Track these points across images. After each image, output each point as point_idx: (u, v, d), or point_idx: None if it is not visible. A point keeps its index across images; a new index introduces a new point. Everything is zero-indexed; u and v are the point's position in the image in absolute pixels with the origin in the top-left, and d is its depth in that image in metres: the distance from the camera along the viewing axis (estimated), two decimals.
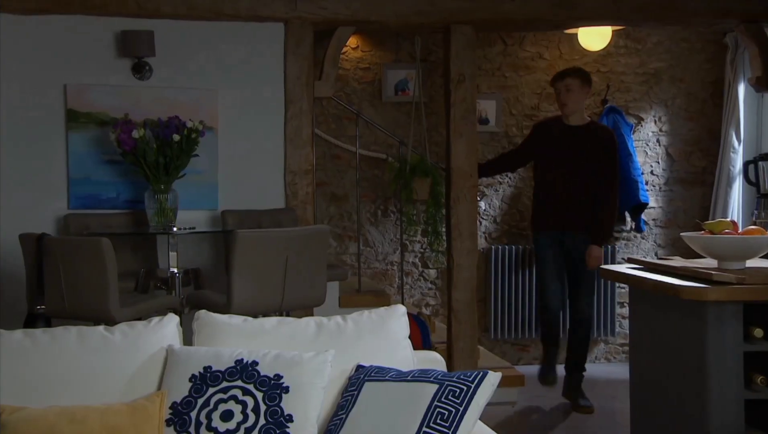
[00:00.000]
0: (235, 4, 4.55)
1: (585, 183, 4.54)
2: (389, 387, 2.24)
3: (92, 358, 2.28)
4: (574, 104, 4.58)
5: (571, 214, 4.58)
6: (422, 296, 6.24)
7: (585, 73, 4.65)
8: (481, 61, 5.91)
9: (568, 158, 4.59)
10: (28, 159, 4.54)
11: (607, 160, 4.55)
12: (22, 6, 4.36)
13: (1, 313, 4.42)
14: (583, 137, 4.59)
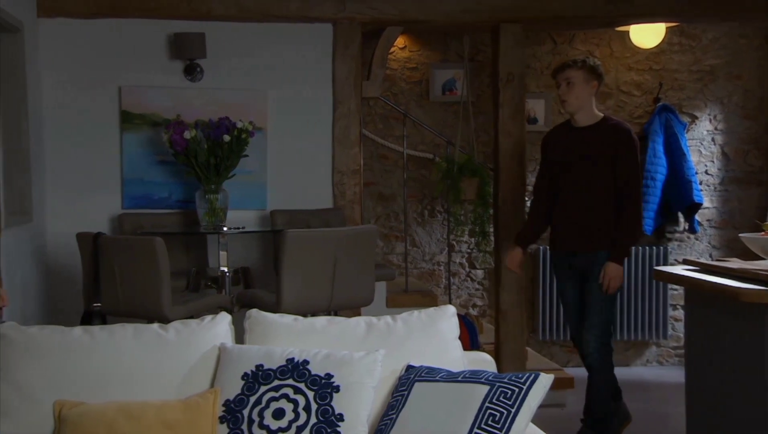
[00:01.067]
0: (284, 6, 4.59)
1: (598, 193, 3.78)
2: (440, 388, 2.23)
3: (147, 355, 2.31)
4: (576, 101, 3.80)
5: (582, 230, 3.82)
6: (469, 297, 6.21)
7: (591, 65, 3.85)
8: (530, 59, 5.86)
9: (574, 165, 3.83)
10: (84, 160, 4.65)
11: (622, 162, 3.74)
12: (80, 10, 4.48)
13: (59, 310, 4.54)
14: (591, 139, 3.80)
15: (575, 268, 3.85)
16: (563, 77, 3.82)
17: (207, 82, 4.73)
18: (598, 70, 3.85)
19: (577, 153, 3.81)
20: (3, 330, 2.23)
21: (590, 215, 3.79)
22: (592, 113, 3.86)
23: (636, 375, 5.69)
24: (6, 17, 3.79)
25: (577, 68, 3.80)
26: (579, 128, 3.86)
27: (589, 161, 3.78)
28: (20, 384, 2.17)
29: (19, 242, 4.07)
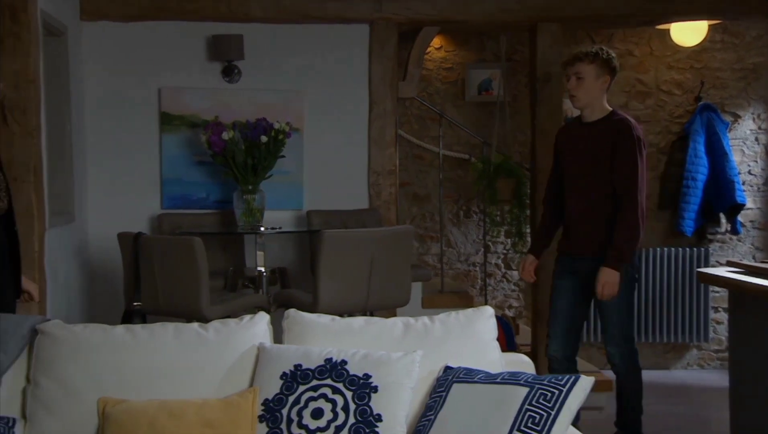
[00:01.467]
0: (322, 7, 4.61)
1: (600, 193, 3.50)
2: (478, 389, 2.22)
3: (188, 354, 2.33)
4: (585, 96, 3.49)
5: (584, 232, 3.55)
6: (505, 298, 6.17)
7: (604, 58, 3.50)
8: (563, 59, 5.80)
9: (578, 163, 3.58)
10: (124, 161, 4.73)
11: (619, 158, 3.43)
12: (123, 13, 4.56)
13: (99, 309, 4.62)
14: (594, 135, 3.52)
15: (579, 274, 3.57)
16: (573, 71, 3.52)
17: (244, 83, 4.77)
18: (612, 63, 3.52)
19: (581, 150, 3.56)
20: (48, 327, 2.27)
21: (592, 217, 3.52)
22: (600, 108, 3.56)
23: (676, 379, 5.60)
24: (51, 21, 3.87)
25: (588, 62, 3.48)
26: (586, 123, 3.59)
27: (591, 159, 3.52)
28: (65, 381, 2.21)
29: (62, 242, 4.15)
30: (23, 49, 3.31)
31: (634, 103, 5.96)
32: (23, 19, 3.29)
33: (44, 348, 2.23)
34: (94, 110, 4.67)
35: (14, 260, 2.66)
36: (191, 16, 4.60)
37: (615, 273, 3.42)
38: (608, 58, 3.52)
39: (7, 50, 3.28)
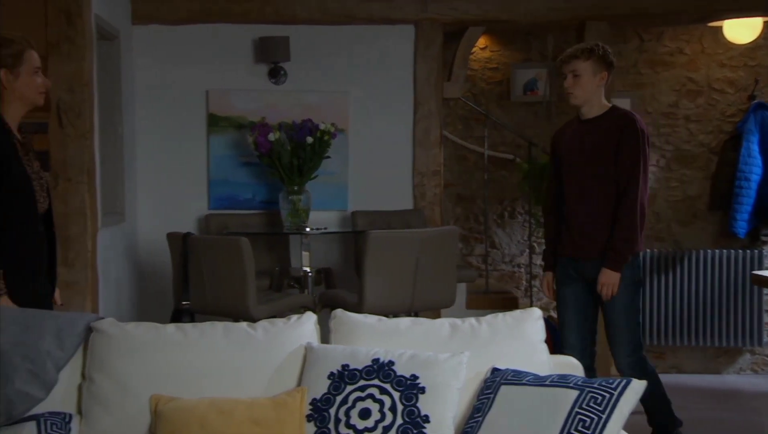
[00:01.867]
0: (367, 8, 4.63)
1: (601, 191, 3.37)
2: (527, 391, 2.20)
3: (237, 353, 2.35)
4: (582, 94, 3.36)
5: (586, 234, 3.40)
6: (550, 300, 6.10)
7: (600, 54, 3.37)
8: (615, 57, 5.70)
9: (581, 161, 3.43)
10: (172, 161, 4.81)
11: (622, 154, 3.30)
12: (172, 16, 4.64)
13: (148, 307, 4.71)
14: (594, 131, 3.39)
15: (585, 278, 3.44)
16: (569, 69, 3.39)
17: (290, 84, 4.81)
18: (608, 58, 3.41)
19: (583, 148, 3.41)
20: (102, 325, 2.31)
21: (598, 217, 3.38)
22: (599, 104, 3.43)
23: (728, 384, 5.48)
24: (104, 25, 3.96)
25: (584, 59, 3.36)
26: (585, 121, 3.45)
27: (594, 156, 3.37)
28: (118, 378, 2.25)
29: (114, 242, 4.24)
30: (78, 53, 3.39)
31: (684, 102, 5.85)
32: (78, 24, 3.37)
33: (99, 346, 2.28)
34: (143, 112, 4.76)
35: (51, 261, 2.72)
36: (238, 19, 4.66)
37: (615, 274, 3.33)
38: (604, 53, 3.41)
39: (63, 54, 3.36)
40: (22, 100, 2.53)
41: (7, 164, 2.45)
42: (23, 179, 2.50)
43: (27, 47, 2.52)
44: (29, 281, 2.53)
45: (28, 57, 2.52)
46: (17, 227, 2.48)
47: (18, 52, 2.49)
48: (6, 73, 2.48)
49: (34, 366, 2.08)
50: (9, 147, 2.48)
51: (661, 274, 5.80)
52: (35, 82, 2.54)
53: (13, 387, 2.00)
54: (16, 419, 2.03)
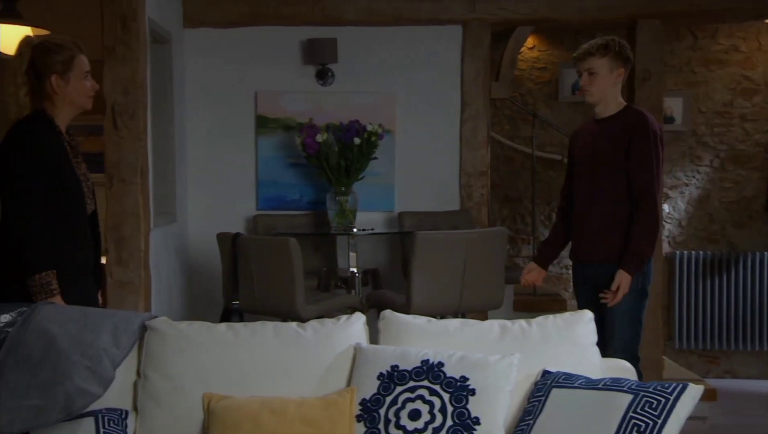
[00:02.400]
0: (415, 8, 4.63)
1: (609, 193, 3.22)
2: (579, 395, 2.17)
3: (287, 353, 2.37)
4: (599, 91, 3.22)
5: (594, 236, 3.27)
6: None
7: (616, 50, 3.21)
8: (668, 56, 5.61)
9: (589, 162, 3.29)
10: (222, 163, 4.87)
11: (635, 155, 3.14)
12: (222, 19, 4.70)
13: (198, 306, 4.78)
14: (607, 131, 3.24)
15: (596, 282, 3.28)
16: (584, 66, 3.24)
17: (338, 85, 4.83)
18: (625, 54, 3.24)
19: (592, 148, 3.27)
20: (156, 324, 2.35)
21: (608, 220, 3.22)
22: (615, 102, 3.28)
23: None
24: (157, 29, 4.03)
25: (599, 56, 3.21)
26: (600, 120, 3.30)
27: (601, 157, 3.23)
28: (172, 375, 2.28)
29: (165, 242, 4.31)
30: (132, 57, 3.45)
31: (739, 100, 5.72)
32: (133, 28, 3.44)
33: (153, 344, 2.32)
34: (194, 114, 4.83)
35: (96, 261, 2.78)
36: (287, 21, 4.70)
37: (629, 277, 3.15)
38: (620, 49, 3.24)
39: (118, 58, 3.43)
40: (71, 104, 2.59)
41: (59, 167, 2.52)
42: (74, 181, 2.56)
43: (77, 52, 2.58)
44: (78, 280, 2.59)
45: (78, 62, 2.57)
46: (68, 228, 2.54)
47: (68, 58, 2.55)
48: (56, 79, 2.54)
49: (92, 363, 2.13)
50: (61, 150, 2.54)
51: (714, 276, 5.68)
52: (84, 86, 2.59)
53: (72, 384, 2.05)
54: (76, 414, 2.08)
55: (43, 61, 2.53)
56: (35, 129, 2.52)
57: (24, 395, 2.00)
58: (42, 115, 2.56)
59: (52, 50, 2.53)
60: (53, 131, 2.55)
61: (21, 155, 2.46)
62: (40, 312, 2.20)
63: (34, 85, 2.54)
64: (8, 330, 2.14)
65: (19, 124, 2.54)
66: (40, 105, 2.57)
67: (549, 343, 2.42)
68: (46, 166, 2.48)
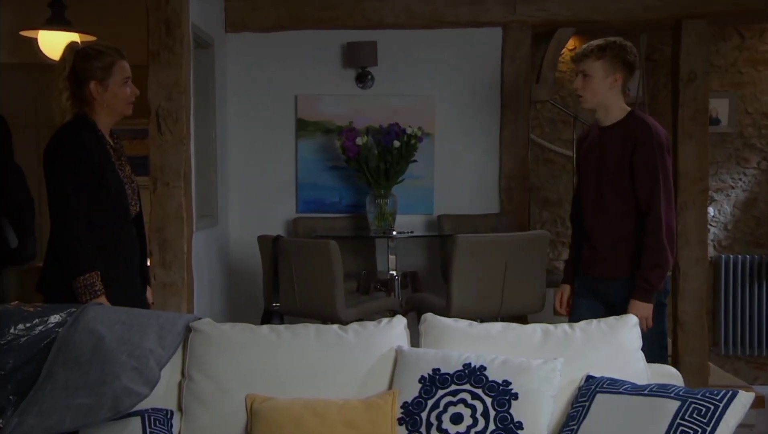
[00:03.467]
0: (455, 11, 4.62)
1: (612, 205, 3.03)
2: (624, 401, 2.14)
3: (329, 355, 2.37)
4: (593, 97, 3.01)
5: (602, 252, 3.07)
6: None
7: (614, 54, 2.97)
8: (713, 56, 5.51)
9: (593, 173, 3.10)
10: (262, 166, 4.91)
11: (640, 169, 2.94)
12: (263, 24, 4.74)
13: (238, 308, 4.82)
14: (608, 141, 3.04)
15: (599, 296, 3.12)
16: (580, 68, 3.03)
17: (377, 88, 4.84)
18: (625, 58, 2.98)
19: (597, 158, 3.08)
20: (200, 325, 2.38)
21: (610, 234, 3.05)
22: (618, 109, 3.04)
23: None
24: (201, 34, 4.08)
25: (594, 58, 2.97)
26: (603, 128, 3.09)
27: (606, 168, 3.03)
28: (215, 376, 2.31)
29: (207, 244, 4.35)
30: (176, 62, 3.50)
31: None
32: (177, 33, 3.48)
33: (197, 345, 2.34)
34: (235, 118, 4.88)
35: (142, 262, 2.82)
36: (327, 25, 4.72)
37: (646, 305, 2.95)
38: (620, 52, 2.98)
39: (162, 63, 3.48)
40: (110, 109, 2.64)
41: (101, 170, 2.56)
42: (116, 183, 2.60)
43: (117, 59, 2.62)
44: (123, 281, 2.63)
45: (117, 69, 2.61)
46: (111, 230, 2.58)
47: (107, 65, 2.59)
48: (95, 85, 2.59)
49: (139, 363, 2.16)
50: (103, 154, 2.59)
51: (761, 280, 5.56)
52: (124, 92, 2.63)
53: (120, 384, 2.08)
54: (123, 414, 2.11)
55: (83, 67, 2.58)
56: (77, 133, 2.57)
57: (74, 394, 2.04)
58: (84, 119, 2.61)
59: (92, 56, 2.58)
60: (95, 135, 2.60)
61: (63, 159, 2.52)
62: (89, 313, 2.24)
63: (75, 90, 2.59)
64: (58, 330, 2.18)
65: (63, 129, 2.60)
66: (81, 110, 2.62)
67: (593, 348, 2.39)
68: (88, 169, 2.53)
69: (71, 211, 2.50)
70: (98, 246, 2.53)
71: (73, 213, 2.49)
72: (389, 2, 4.63)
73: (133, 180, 2.73)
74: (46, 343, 2.16)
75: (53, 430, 2.00)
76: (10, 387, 2.05)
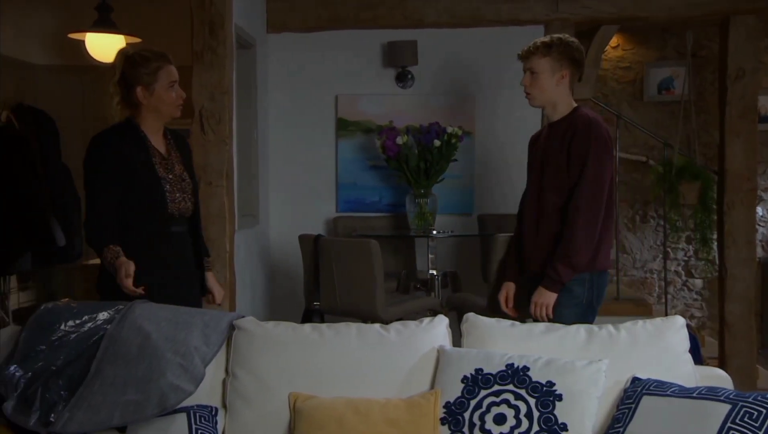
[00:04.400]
0: (496, 10, 4.58)
1: (548, 203, 2.96)
2: (672, 403, 2.10)
3: (371, 354, 2.37)
4: (541, 94, 2.96)
5: (533, 249, 3.02)
6: (686, 307, 5.83)
7: (562, 46, 2.92)
8: (762, 53, 5.39)
9: (533, 168, 3.07)
10: (302, 165, 4.93)
11: (571, 163, 2.87)
12: (303, 24, 4.77)
13: (279, 306, 4.85)
14: (553, 136, 2.98)
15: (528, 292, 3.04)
16: (527, 66, 2.98)
17: (418, 88, 4.83)
18: (572, 54, 2.94)
19: (541, 152, 3.02)
20: (244, 324, 2.40)
21: (542, 231, 2.98)
22: (564, 105, 2.98)
23: None
24: (243, 35, 4.12)
25: (540, 55, 2.93)
26: (552, 123, 3.03)
27: (545, 163, 2.98)
28: (259, 374, 2.32)
29: (248, 243, 4.39)
30: (219, 63, 3.54)
31: None
32: (220, 34, 3.52)
33: (241, 343, 2.36)
34: (276, 118, 4.92)
35: (199, 260, 2.86)
36: (367, 25, 4.73)
37: (549, 294, 2.89)
38: (566, 49, 2.93)
39: (206, 63, 3.52)
40: (157, 113, 2.70)
41: (132, 170, 2.62)
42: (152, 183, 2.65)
43: (163, 64, 2.68)
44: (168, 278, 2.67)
45: (163, 74, 2.67)
46: (140, 226, 2.63)
47: (153, 70, 2.66)
48: (142, 90, 2.66)
49: (184, 360, 2.18)
50: (141, 155, 2.64)
51: None
52: (170, 96, 2.69)
53: (166, 380, 2.11)
54: (169, 410, 2.14)
55: (131, 72, 2.66)
56: (109, 134, 2.66)
57: (122, 390, 2.08)
58: (127, 123, 2.70)
59: (139, 63, 2.66)
60: (134, 137, 2.66)
61: (89, 161, 2.63)
62: (135, 310, 2.28)
63: (125, 94, 2.68)
64: (106, 327, 2.22)
65: (98, 133, 2.70)
66: (130, 113, 2.70)
67: (638, 349, 2.35)
68: (116, 170, 2.60)
69: (90, 206, 2.61)
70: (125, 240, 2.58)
71: (91, 208, 2.60)
72: (430, 1, 4.62)
73: (184, 179, 2.78)
74: (95, 340, 2.20)
75: (102, 425, 2.03)
76: (61, 383, 2.10)
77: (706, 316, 5.74)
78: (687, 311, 5.82)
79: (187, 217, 2.78)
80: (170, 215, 2.69)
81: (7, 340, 2.33)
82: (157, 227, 2.66)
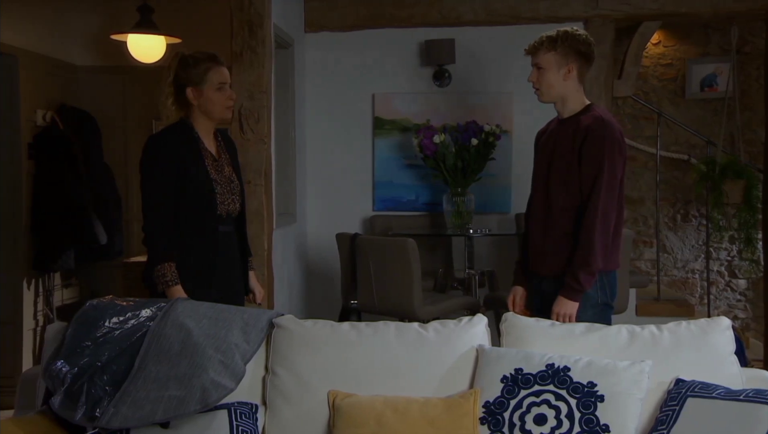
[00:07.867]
0: (534, 7, 4.55)
1: (558, 202, 2.88)
2: (717, 406, 2.06)
3: (409, 353, 2.37)
4: (549, 90, 2.88)
5: (543, 250, 2.94)
6: (729, 308, 5.72)
7: (567, 40, 2.84)
8: None
9: (545, 166, 2.97)
10: (339, 164, 4.95)
11: (583, 164, 2.79)
12: (341, 23, 4.78)
13: (316, 305, 4.87)
14: (562, 134, 2.89)
15: (543, 295, 2.96)
16: (533, 61, 2.92)
17: (455, 86, 4.81)
18: (578, 48, 2.84)
19: (547, 152, 2.95)
20: (283, 322, 2.41)
21: (551, 232, 2.90)
22: (575, 101, 2.90)
23: None
24: (281, 35, 4.15)
25: (545, 50, 2.85)
26: (562, 120, 2.95)
27: (554, 161, 2.90)
28: (298, 372, 2.33)
29: (286, 242, 4.42)
30: (258, 62, 3.56)
31: None
32: (259, 34, 3.55)
33: (280, 341, 2.38)
34: (313, 117, 4.94)
35: (243, 260, 2.89)
36: (404, 23, 4.73)
37: (572, 304, 2.81)
38: (572, 43, 2.84)
39: (245, 63, 3.55)
40: (207, 114, 2.74)
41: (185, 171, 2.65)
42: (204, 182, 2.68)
43: (213, 65, 2.71)
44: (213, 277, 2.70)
45: (212, 75, 2.71)
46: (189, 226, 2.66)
47: (202, 72, 2.70)
48: (192, 91, 2.70)
49: (225, 357, 2.20)
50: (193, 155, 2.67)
51: None
52: (219, 97, 2.72)
53: (208, 377, 2.13)
54: (211, 407, 2.16)
55: (182, 74, 2.71)
56: (166, 135, 2.70)
57: (165, 386, 2.10)
58: (181, 123, 2.74)
59: (189, 64, 2.70)
60: (188, 138, 2.69)
61: (145, 161, 2.67)
62: (177, 307, 2.31)
63: (178, 95, 2.72)
64: (149, 324, 2.25)
65: (158, 132, 2.74)
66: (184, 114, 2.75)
67: (682, 350, 2.31)
68: (169, 171, 2.64)
69: (147, 207, 2.65)
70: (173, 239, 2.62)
71: (149, 209, 2.64)
72: None
73: (233, 180, 2.82)
74: (138, 336, 2.23)
75: (146, 421, 2.06)
76: (106, 378, 2.13)
77: (750, 317, 5.62)
78: (730, 312, 5.71)
79: (234, 217, 2.81)
80: (219, 216, 2.73)
81: (54, 336, 2.37)
82: (206, 227, 2.70)
